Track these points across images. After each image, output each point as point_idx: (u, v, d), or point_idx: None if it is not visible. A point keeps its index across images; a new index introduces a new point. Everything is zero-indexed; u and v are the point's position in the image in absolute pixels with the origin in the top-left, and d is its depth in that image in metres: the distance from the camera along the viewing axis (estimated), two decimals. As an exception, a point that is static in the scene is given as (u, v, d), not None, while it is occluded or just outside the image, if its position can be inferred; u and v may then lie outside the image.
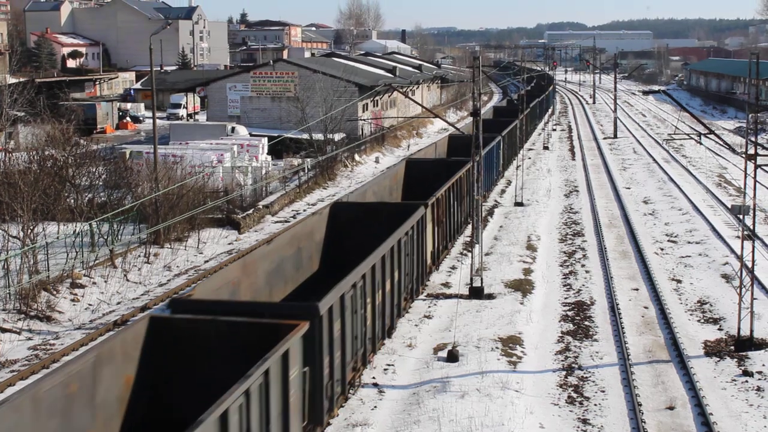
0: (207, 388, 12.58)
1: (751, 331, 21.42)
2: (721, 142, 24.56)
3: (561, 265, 30.70)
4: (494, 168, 45.57)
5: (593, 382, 19.79)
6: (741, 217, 22.64)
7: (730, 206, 39.06)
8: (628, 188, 47.83)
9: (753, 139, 22.40)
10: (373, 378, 19.62)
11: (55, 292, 26.22)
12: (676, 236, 34.97)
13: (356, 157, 57.39)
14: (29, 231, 27.71)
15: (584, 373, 20.30)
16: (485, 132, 34.11)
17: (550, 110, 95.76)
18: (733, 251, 30.67)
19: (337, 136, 55.64)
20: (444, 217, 28.95)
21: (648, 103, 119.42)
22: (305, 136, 52.90)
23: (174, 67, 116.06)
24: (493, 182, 45.18)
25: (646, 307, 25.56)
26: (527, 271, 29.42)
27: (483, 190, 33.60)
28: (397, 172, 34.35)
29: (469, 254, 28.67)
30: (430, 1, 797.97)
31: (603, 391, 19.25)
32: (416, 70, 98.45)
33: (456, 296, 26.05)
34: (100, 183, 36.39)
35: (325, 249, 23.69)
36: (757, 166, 21.47)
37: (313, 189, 47.22)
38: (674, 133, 30.48)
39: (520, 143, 56.84)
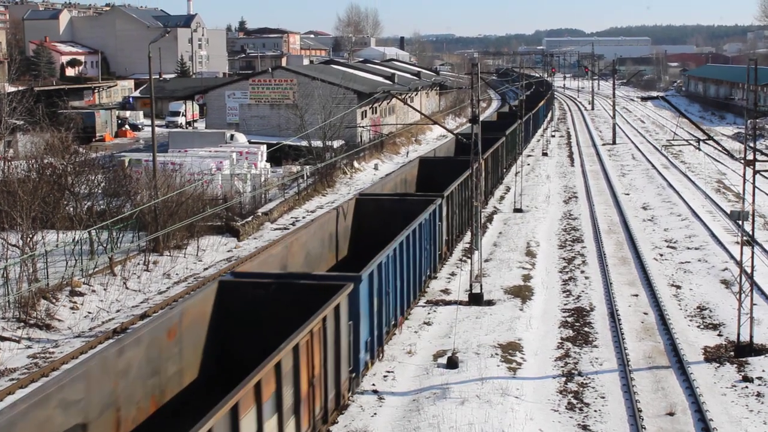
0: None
1: (751, 336, 21.41)
2: (720, 148, 24.57)
3: (560, 272, 30.69)
4: (429, 256, 27.07)
5: (593, 388, 19.78)
6: (740, 222, 22.66)
7: (729, 212, 39.20)
8: (627, 194, 47.84)
9: (752, 144, 22.42)
10: (373, 385, 19.61)
11: (54, 300, 26.20)
12: (675, 242, 34.97)
13: (355, 164, 57.44)
14: (28, 239, 27.72)
15: (584, 379, 20.28)
16: (430, 190, 28.81)
17: (545, 120, 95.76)
18: (732, 257, 30.65)
19: (336, 143, 55.69)
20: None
21: (646, 109, 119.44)
22: (304, 143, 52.99)
23: (173, 75, 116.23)
24: (421, 288, 26.53)
25: (645, 313, 25.55)
26: (527, 278, 29.41)
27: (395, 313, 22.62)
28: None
29: (469, 261, 28.65)
30: (429, 9, 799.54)
31: (603, 397, 19.24)
32: (415, 77, 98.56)
33: (455, 303, 26.03)
34: (99, 191, 36.44)
35: None
36: (755, 172, 21.48)
37: (312, 196, 47.26)
38: (673, 139, 30.48)
39: (502, 170, 48.46)
